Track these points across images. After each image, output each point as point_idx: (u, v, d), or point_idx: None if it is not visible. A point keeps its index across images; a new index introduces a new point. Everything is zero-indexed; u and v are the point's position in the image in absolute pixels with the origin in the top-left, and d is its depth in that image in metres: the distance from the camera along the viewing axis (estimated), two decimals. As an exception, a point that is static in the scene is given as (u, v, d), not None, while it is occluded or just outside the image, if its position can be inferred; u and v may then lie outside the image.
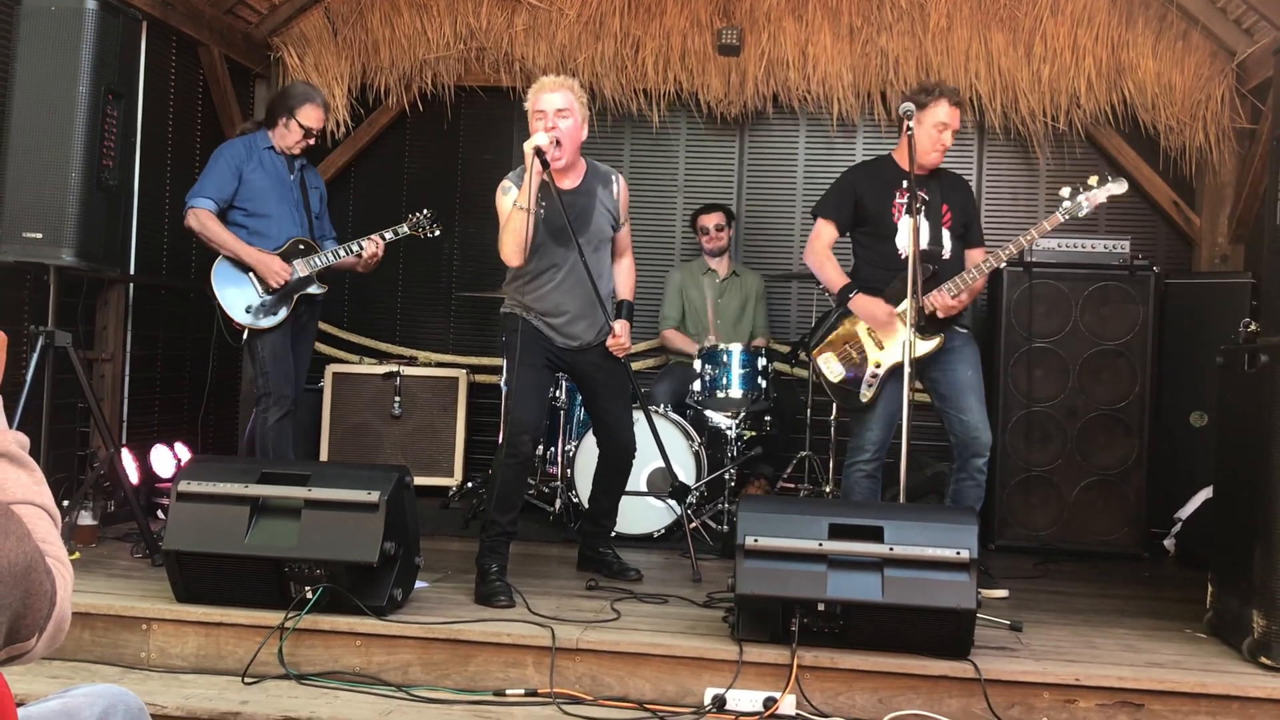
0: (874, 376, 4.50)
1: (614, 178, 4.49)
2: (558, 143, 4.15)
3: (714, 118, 6.93)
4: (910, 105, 4.26)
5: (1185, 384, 5.83)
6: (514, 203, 4.12)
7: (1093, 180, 4.35)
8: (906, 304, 4.21)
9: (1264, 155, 5.52)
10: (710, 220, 6.39)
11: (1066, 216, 4.35)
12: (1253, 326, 3.95)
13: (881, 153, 4.85)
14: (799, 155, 7.03)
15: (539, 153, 4.08)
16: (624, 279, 4.61)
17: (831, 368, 4.62)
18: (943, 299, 4.42)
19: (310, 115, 5.02)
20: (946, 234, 4.55)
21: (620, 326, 4.37)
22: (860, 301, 4.52)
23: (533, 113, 4.23)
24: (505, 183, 4.26)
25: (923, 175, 4.50)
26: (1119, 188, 4.38)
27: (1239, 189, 6.34)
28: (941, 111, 4.47)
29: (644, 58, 6.75)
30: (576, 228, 4.21)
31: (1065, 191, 4.37)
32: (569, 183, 4.31)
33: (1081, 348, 5.67)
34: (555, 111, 4.18)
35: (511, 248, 4.16)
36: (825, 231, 4.65)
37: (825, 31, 6.60)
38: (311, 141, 5.11)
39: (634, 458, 4.65)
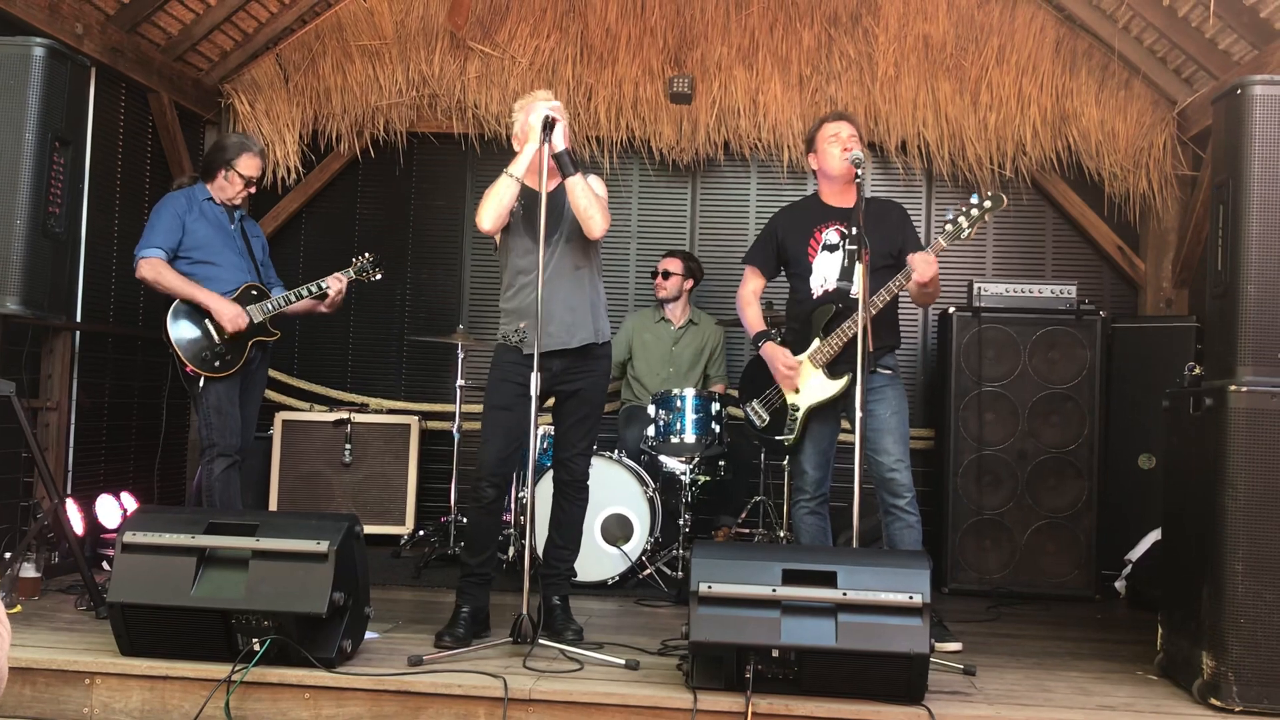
0: (792, 420, 4.55)
1: (592, 175, 4.43)
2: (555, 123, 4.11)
3: (666, 165, 6.98)
4: (858, 155, 4.32)
5: (1133, 427, 5.90)
6: (505, 170, 4.15)
7: (974, 199, 4.35)
8: (816, 344, 4.46)
9: (1205, 202, 5.63)
10: (662, 265, 6.41)
11: (948, 242, 4.33)
12: (1197, 370, 4.00)
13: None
14: (750, 202, 7.08)
15: (547, 122, 4.06)
16: None
17: (758, 412, 4.71)
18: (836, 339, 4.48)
19: (249, 165, 5.03)
20: (859, 270, 4.29)
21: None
22: (765, 350, 4.62)
23: (525, 122, 4.20)
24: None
25: (847, 208, 4.50)
26: (998, 204, 4.38)
27: (1182, 235, 6.47)
28: (825, 130, 4.56)
29: (596, 105, 6.80)
30: (552, 225, 4.17)
31: (949, 214, 4.37)
32: (551, 184, 4.21)
33: (1030, 391, 5.74)
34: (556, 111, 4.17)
35: (487, 209, 4.15)
36: (750, 278, 4.74)
37: (775, 80, 6.68)
38: (253, 190, 5.12)
39: (583, 493, 4.47)
